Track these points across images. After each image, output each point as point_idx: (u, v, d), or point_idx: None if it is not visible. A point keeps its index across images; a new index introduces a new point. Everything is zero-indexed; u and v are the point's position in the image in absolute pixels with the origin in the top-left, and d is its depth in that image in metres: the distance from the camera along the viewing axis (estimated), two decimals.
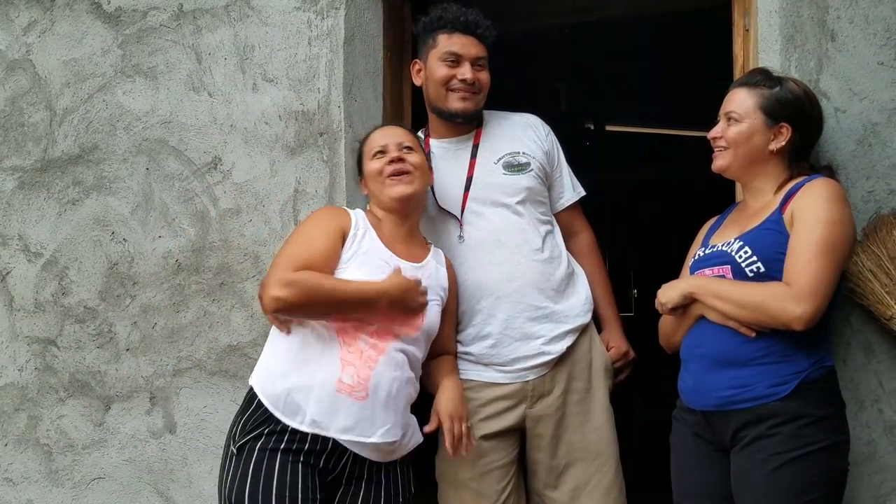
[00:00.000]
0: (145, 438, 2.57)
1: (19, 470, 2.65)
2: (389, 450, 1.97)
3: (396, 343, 1.98)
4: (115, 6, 2.68)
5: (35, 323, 2.67)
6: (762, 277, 1.85)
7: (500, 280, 2.18)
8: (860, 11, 2.17)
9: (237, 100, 2.56)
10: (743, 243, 1.89)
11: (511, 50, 4.33)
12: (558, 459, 2.19)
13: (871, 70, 2.15)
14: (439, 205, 2.26)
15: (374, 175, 2.11)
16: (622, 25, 3.95)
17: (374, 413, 1.92)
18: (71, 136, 2.69)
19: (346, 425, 1.89)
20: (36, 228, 2.70)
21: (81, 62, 2.70)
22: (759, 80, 1.98)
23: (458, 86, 2.23)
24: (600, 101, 6.08)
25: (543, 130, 2.38)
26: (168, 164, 2.61)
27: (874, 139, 2.14)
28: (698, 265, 2.02)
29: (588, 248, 2.41)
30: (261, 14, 2.56)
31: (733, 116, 1.97)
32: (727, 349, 1.87)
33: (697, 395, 1.93)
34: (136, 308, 2.60)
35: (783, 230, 1.86)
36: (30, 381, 2.66)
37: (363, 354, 1.93)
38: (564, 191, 2.38)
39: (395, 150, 2.09)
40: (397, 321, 1.98)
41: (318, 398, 1.89)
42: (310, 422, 1.88)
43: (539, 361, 2.18)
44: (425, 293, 2.03)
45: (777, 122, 1.95)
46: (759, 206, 1.98)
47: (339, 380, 1.90)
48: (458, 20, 2.24)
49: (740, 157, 1.98)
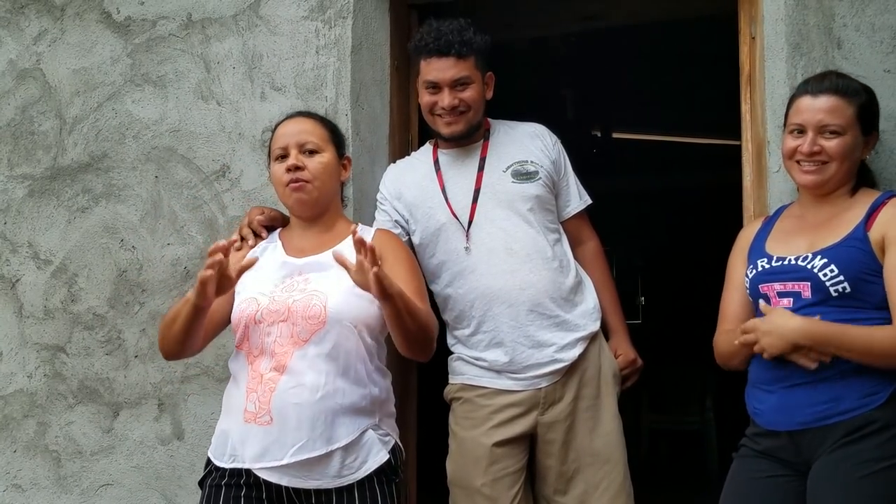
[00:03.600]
0: (153, 445, 2.58)
1: (28, 476, 2.66)
2: (312, 469, 1.81)
3: (303, 349, 1.84)
4: (125, 16, 2.70)
5: (44, 330, 2.69)
6: (846, 297, 1.79)
7: (513, 288, 2.18)
8: (866, 19, 2.18)
9: (245, 108, 2.58)
10: (828, 260, 1.81)
11: (518, 58, 4.36)
12: (568, 465, 2.20)
13: (877, 78, 2.15)
14: (452, 211, 2.25)
15: (276, 183, 2.04)
16: (628, 33, 3.96)
17: (284, 434, 1.80)
18: (80, 144, 2.71)
19: (255, 452, 1.82)
20: (45, 236, 2.71)
21: (91, 71, 2.72)
22: (846, 87, 1.90)
23: (441, 112, 2.23)
24: (607, 109, 6.10)
25: (550, 140, 2.38)
26: (177, 172, 2.62)
27: (881, 147, 2.14)
28: (765, 278, 1.90)
29: (595, 256, 2.40)
30: (269, 23, 2.58)
31: (833, 129, 1.87)
32: (821, 367, 1.78)
33: (782, 415, 1.83)
34: (144, 315, 2.61)
35: (869, 249, 1.81)
36: (39, 388, 2.67)
37: (263, 378, 1.85)
38: (571, 199, 2.37)
39: (294, 157, 1.98)
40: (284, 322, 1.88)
41: (235, 431, 1.88)
42: (229, 456, 1.88)
43: (552, 369, 2.19)
44: (213, 265, 1.74)
45: (869, 131, 1.92)
46: (828, 215, 1.91)
47: (245, 409, 1.86)
48: (429, 47, 2.20)
49: (843, 171, 1.89)
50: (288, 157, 1.99)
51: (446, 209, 2.26)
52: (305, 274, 1.95)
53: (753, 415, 1.92)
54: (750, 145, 2.39)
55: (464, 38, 2.20)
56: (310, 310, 1.86)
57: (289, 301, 1.88)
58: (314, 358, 1.84)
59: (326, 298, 1.87)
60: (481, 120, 2.31)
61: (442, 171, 2.30)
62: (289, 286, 1.93)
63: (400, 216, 2.32)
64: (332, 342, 1.86)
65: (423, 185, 2.31)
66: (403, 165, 2.43)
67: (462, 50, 2.19)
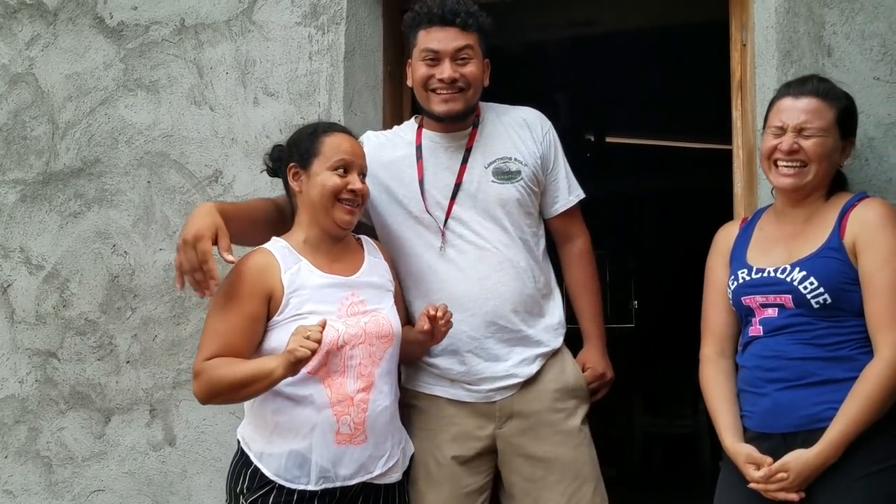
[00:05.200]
0: (145, 451, 2.57)
1: (19, 482, 2.66)
2: (392, 473, 1.99)
3: (380, 367, 1.94)
4: (118, 21, 2.70)
5: (36, 335, 2.68)
6: (828, 308, 1.81)
7: (478, 297, 2.08)
8: (856, 27, 2.19)
9: (238, 113, 2.58)
10: (807, 273, 1.82)
11: (512, 62, 4.37)
12: (534, 483, 2.09)
13: (867, 85, 2.16)
14: (427, 208, 2.13)
15: (328, 191, 1.93)
16: (620, 38, 3.98)
17: (376, 449, 1.93)
18: (73, 149, 2.71)
19: (352, 471, 1.90)
20: (37, 241, 2.71)
21: (84, 76, 2.72)
22: (827, 91, 1.89)
23: (438, 86, 2.08)
24: (600, 113, 6.12)
25: (542, 129, 2.21)
26: (169, 178, 2.62)
27: (870, 154, 2.15)
28: (747, 291, 1.91)
29: (582, 254, 2.26)
30: (262, 29, 2.58)
31: (811, 130, 1.86)
32: (814, 371, 1.81)
33: (777, 417, 1.84)
34: (136, 320, 2.60)
35: (846, 258, 1.82)
36: (30, 394, 2.67)
37: (354, 400, 1.89)
38: (560, 195, 2.22)
39: (359, 181, 1.96)
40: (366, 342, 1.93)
41: (320, 454, 1.87)
42: (316, 479, 1.87)
43: (507, 383, 2.10)
44: (317, 340, 1.76)
45: (847, 137, 1.92)
46: (803, 220, 1.92)
47: (337, 431, 1.88)
48: (432, 12, 2.06)
49: (821, 174, 1.88)
50: (346, 172, 1.95)
51: (421, 203, 2.13)
52: (354, 292, 1.97)
53: (744, 419, 1.91)
54: (741, 151, 2.40)
55: (469, 9, 2.08)
56: (381, 330, 1.96)
57: (361, 323, 1.94)
58: (387, 373, 1.97)
59: (389, 318, 1.98)
60: (476, 104, 2.17)
61: (423, 160, 2.16)
62: (350, 308, 1.95)
63: (374, 187, 2.13)
64: (396, 356, 2.01)
65: (401, 169, 2.17)
66: (383, 140, 2.24)
67: (468, 21, 2.07)
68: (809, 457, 1.77)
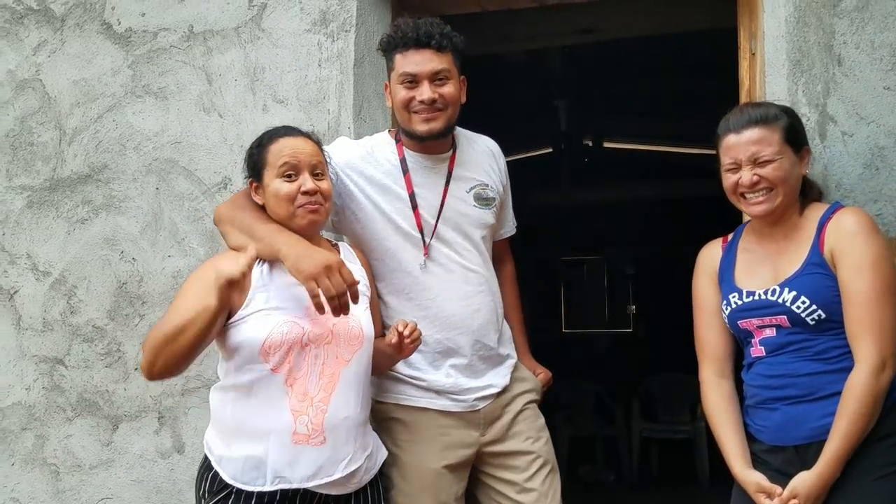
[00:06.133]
0: (153, 458, 2.57)
1: (26, 490, 2.64)
2: (352, 476, 1.93)
3: (347, 368, 1.92)
4: (126, 27, 2.70)
5: (43, 342, 2.67)
6: (823, 322, 1.84)
7: (466, 316, 2.15)
8: (866, 37, 2.21)
9: (247, 121, 2.58)
10: (797, 293, 1.86)
11: (513, 69, 4.38)
12: (519, 473, 2.18)
13: (877, 94, 2.18)
14: (419, 222, 2.15)
15: (282, 199, 1.93)
16: (622, 46, 3.99)
17: (336, 451, 1.89)
18: (80, 155, 2.70)
19: (309, 472, 1.86)
20: (45, 247, 2.70)
21: (91, 82, 2.71)
22: (766, 115, 1.91)
23: (419, 107, 2.11)
24: (599, 119, 6.13)
25: (503, 161, 2.34)
26: (178, 184, 2.62)
27: (881, 163, 2.17)
28: (742, 315, 1.95)
29: (513, 277, 2.44)
30: (271, 36, 2.58)
31: (765, 157, 1.89)
32: (822, 385, 1.84)
33: (788, 431, 1.88)
34: (144, 327, 2.60)
35: (829, 272, 1.85)
36: (37, 401, 2.66)
37: (314, 401, 1.87)
38: (507, 221, 2.38)
39: (310, 180, 1.93)
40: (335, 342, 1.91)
41: (277, 453, 1.86)
42: (272, 479, 1.86)
43: (487, 393, 2.19)
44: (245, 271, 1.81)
45: (800, 148, 1.94)
46: (783, 238, 1.95)
47: (294, 431, 1.86)
48: (407, 37, 2.10)
49: (790, 192, 1.92)
50: (297, 176, 1.94)
51: (412, 219, 2.15)
52: None
53: (756, 433, 1.95)
54: None
55: (443, 31, 2.11)
56: (350, 331, 1.94)
57: (328, 324, 1.91)
58: (354, 376, 1.95)
59: (359, 320, 1.97)
60: (455, 123, 2.20)
61: (410, 174, 2.17)
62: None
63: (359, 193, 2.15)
64: (366, 359, 1.99)
65: (387, 184, 2.16)
66: (363, 152, 2.21)
67: (442, 42, 2.10)
68: (812, 478, 1.81)
